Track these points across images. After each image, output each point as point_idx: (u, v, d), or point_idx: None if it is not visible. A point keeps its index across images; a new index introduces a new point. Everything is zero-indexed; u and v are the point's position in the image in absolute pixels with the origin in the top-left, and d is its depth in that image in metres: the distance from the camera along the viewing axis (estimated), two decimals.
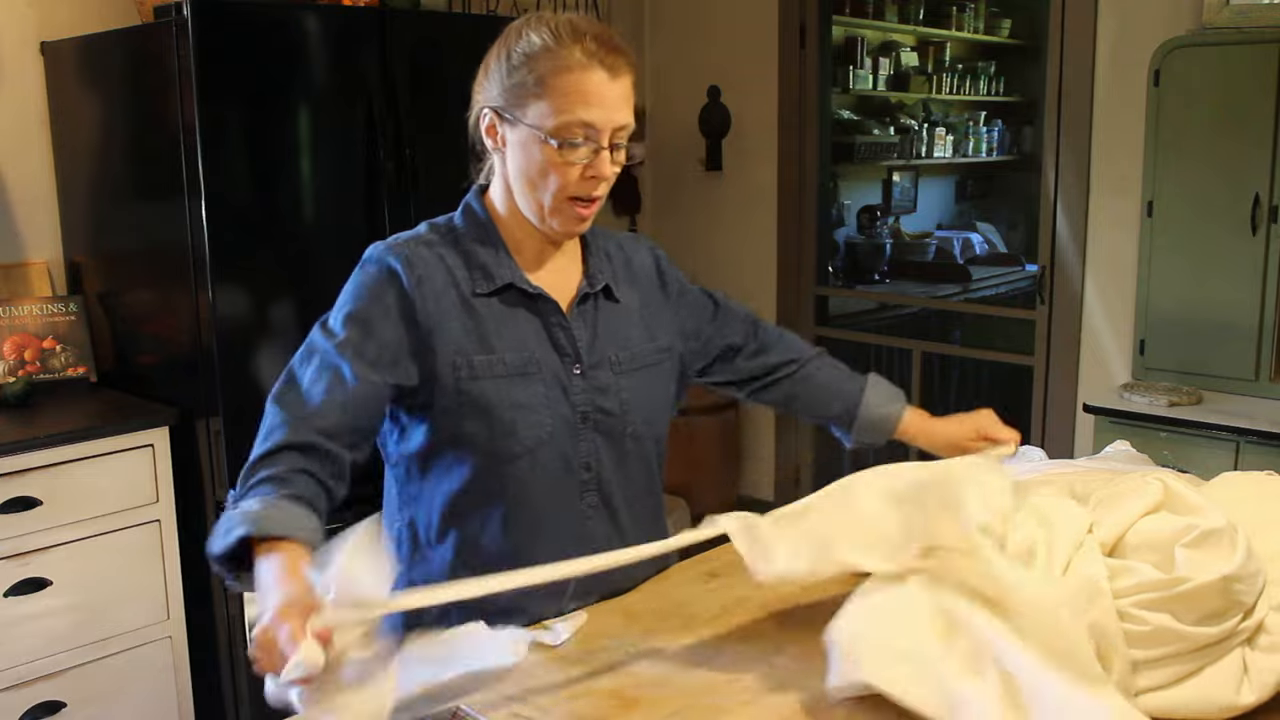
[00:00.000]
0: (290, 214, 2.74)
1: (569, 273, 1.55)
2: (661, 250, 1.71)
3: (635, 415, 1.54)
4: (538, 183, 1.44)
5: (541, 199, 1.45)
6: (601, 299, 1.55)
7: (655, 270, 1.66)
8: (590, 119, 1.40)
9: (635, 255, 1.65)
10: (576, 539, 1.49)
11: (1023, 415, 3.67)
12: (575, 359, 1.50)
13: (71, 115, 2.97)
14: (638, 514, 1.58)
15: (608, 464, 1.52)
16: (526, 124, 1.42)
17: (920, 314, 4.75)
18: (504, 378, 1.45)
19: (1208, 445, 2.83)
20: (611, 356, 1.53)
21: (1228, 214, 2.95)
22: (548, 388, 1.47)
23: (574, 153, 1.41)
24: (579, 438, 1.50)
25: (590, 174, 1.43)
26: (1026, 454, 1.95)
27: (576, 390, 1.49)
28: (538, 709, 1.25)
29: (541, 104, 1.40)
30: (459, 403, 1.45)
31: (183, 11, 2.50)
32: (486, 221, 1.52)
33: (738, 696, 1.27)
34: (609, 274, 1.58)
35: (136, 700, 2.68)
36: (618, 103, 1.42)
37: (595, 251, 1.58)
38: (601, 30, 1.43)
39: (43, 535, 2.51)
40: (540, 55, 1.41)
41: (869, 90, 5.51)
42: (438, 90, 2.93)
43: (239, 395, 2.66)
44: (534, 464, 1.47)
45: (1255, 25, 2.89)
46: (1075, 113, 3.36)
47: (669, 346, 1.62)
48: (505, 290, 1.48)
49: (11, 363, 2.86)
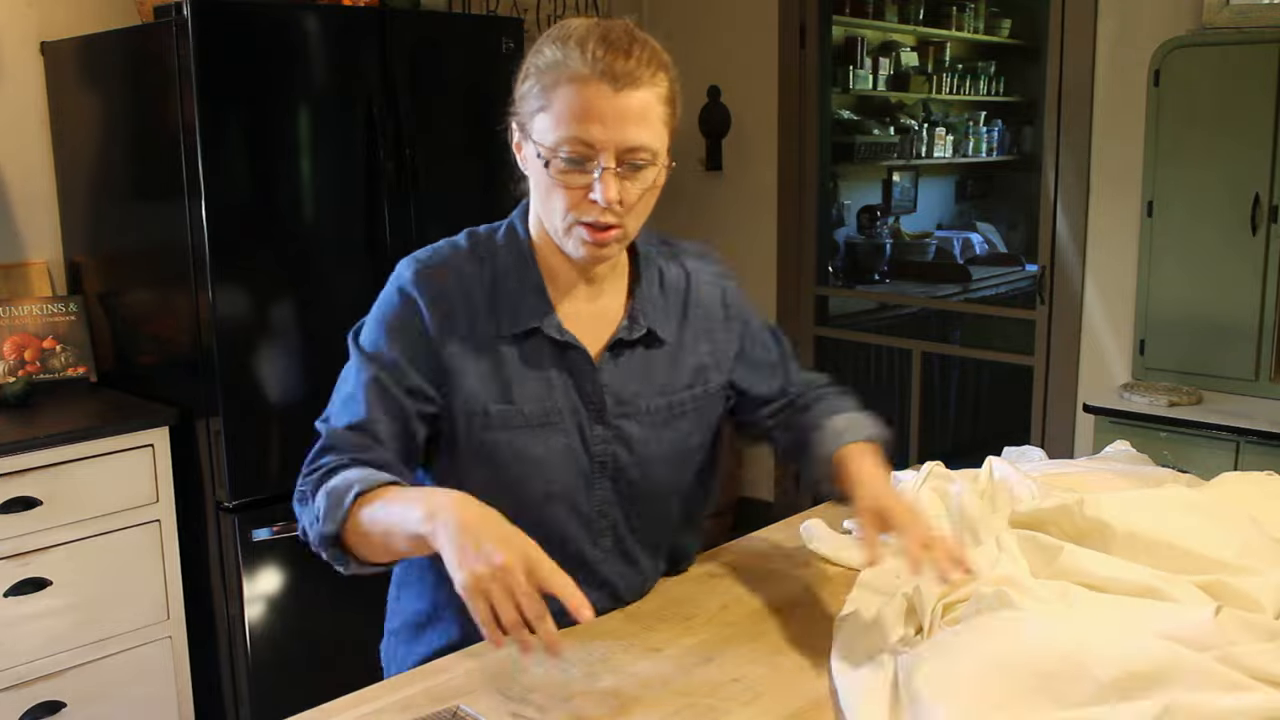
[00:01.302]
0: (290, 214, 2.73)
1: (608, 308, 1.44)
2: (733, 281, 1.56)
3: (657, 469, 1.45)
4: (545, 205, 1.34)
5: (554, 222, 1.34)
6: (639, 346, 1.44)
7: (721, 303, 1.52)
8: (588, 137, 1.26)
9: (699, 283, 1.50)
10: (591, 581, 1.43)
11: (1023, 415, 3.67)
12: (600, 409, 1.41)
13: (71, 115, 2.97)
14: (659, 555, 1.54)
15: (622, 512, 1.46)
16: (534, 140, 1.31)
17: (920, 314, 4.74)
18: (521, 429, 1.38)
19: (1208, 445, 2.83)
20: (645, 406, 1.43)
21: (1228, 214, 2.95)
22: (568, 438, 1.40)
23: (569, 173, 1.29)
24: (593, 487, 1.43)
25: (592, 197, 1.29)
26: (1026, 454, 1.96)
27: (597, 440, 1.41)
28: (538, 709, 1.24)
29: (543, 117, 1.29)
30: (470, 449, 1.39)
31: (183, 11, 2.50)
32: (526, 246, 1.41)
33: (738, 697, 1.27)
34: (656, 312, 1.45)
35: (136, 700, 2.68)
36: (624, 119, 1.26)
37: (646, 280, 1.45)
38: (618, 36, 1.29)
39: (43, 535, 2.51)
40: (548, 66, 1.29)
41: (869, 90, 5.51)
42: (438, 90, 2.93)
43: (239, 395, 2.66)
44: (542, 514, 1.40)
45: (1255, 25, 2.89)
46: (1075, 113, 3.36)
47: (715, 386, 1.50)
48: (532, 335, 1.39)
49: (11, 363, 2.86)
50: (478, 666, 1.35)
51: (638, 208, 1.33)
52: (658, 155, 1.32)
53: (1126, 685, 1.07)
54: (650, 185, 1.33)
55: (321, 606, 2.80)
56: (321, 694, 1.31)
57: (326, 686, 1.38)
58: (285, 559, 2.75)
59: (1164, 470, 1.83)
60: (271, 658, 2.76)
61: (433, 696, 1.28)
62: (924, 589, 1.35)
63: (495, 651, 1.38)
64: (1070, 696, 1.08)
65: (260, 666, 2.74)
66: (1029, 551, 1.39)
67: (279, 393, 2.72)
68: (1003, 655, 1.13)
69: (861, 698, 1.21)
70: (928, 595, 1.34)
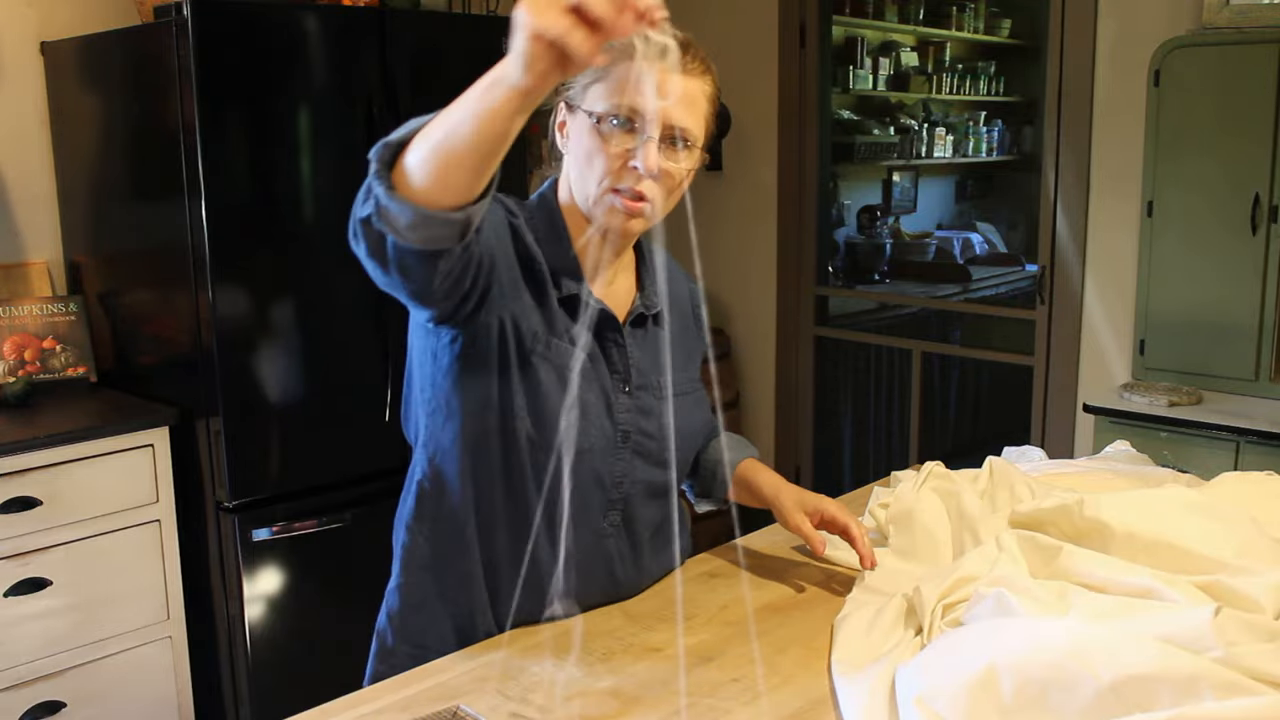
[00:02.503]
0: (290, 214, 2.73)
1: (624, 286, 1.52)
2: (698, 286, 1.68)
3: (669, 445, 1.50)
4: (584, 169, 1.39)
5: (588, 187, 1.39)
6: (651, 322, 1.52)
7: (690, 303, 1.63)
8: (640, 106, 1.33)
9: (675, 281, 1.63)
10: (592, 553, 1.48)
11: (1023, 415, 3.67)
12: (625, 378, 1.47)
13: (71, 115, 2.97)
14: (656, 539, 1.56)
15: (638, 486, 1.50)
16: (584, 109, 1.38)
17: (920, 314, 4.74)
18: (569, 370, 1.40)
19: (1208, 445, 2.83)
20: (654, 380, 1.50)
21: (1228, 214, 2.95)
22: (597, 400, 1.45)
23: (615, 135, 1.35)
24: (616, 456, 1.47)
25: (633, 163, 1.35)
26: (1026, 454, 1.96)
27: (621, 409, 1.47)
28: (538, 709, 1.24)
29: (598, 87, 1.37)
30: (521, 369, 1.38)
31: (183, 11, 2.50)
32: (558, 216, 1.46)
33: (738, 697, 1.27)
34: (661, 297, 1.53)
35: (136, 700, 2.68)
36: (678, 100, 1.36)
37: (649, 268, 1.54)
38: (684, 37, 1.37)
39: (43, 535, 2.51)
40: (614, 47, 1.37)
41: (869, 90, 5.51)
42: (438, 90, 2.92)
43: (239, 395, 2.66)
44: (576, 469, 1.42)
45: (1255, 25, 2.89)
46: (1075, 113, 3.36)
47: (699, 378, 1.61)
48: (571, 300, 1.44)
49: (11, 363, 2.86)
50: (478, 666, 1.35)
51: (669, 192, 1.39)
52: (697, 143, 1.39)
53: (1126, 688, 1.06)
54: (685, 172, 1.40)
55: (321, 606, 2.80)
56: (321, 694, 1.31)
57: (326, 686, 1.38)
58: (285, 559, 2.75)
59: (1164, 470, 1.83)
60: (271, 658, 2.76)
61: (433, 696, 1.28)
62: (924, 590, 1.35)
63: (495, 651, 1.39)
64: (1071, 700, 1.08)
65: (260, 666, 2.74)
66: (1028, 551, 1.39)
67: (279, 393, 2.72)
68: (1002, 660, 1.13)
69: (861, 698, 1.21)
70: (928, 596, 1.34)
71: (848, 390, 4.43)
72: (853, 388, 4.43)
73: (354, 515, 2.80)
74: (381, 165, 1.18)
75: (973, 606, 1.28)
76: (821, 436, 4.33)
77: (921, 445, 4.15)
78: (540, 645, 1.40)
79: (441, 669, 1.35)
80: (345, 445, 2.83)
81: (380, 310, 2.83)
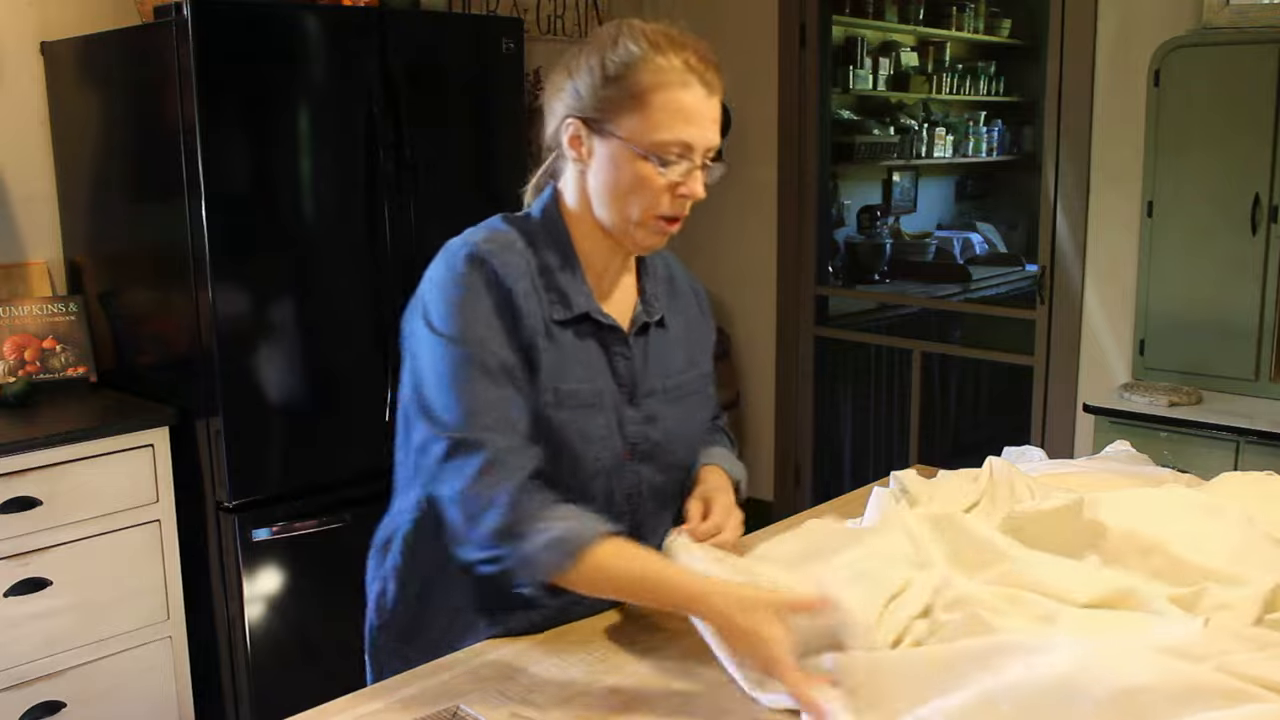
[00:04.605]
0: (290, 214, 2.73)
1: (628, 292, 1.52)
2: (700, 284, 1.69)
3: (679, 444, 1.52)
4: (627, 198, 1.39)
5: (629, 214, 1.40)
6: (654, 327, 1.52)
7: (695, 299, 1.63)
8: (688, 138, 1.36)
9: (676, 274, 1.62)
10: None
11: (1023, 415, 3.67)
12: (631, 389, 1.47)
13: (71, 115, 2.97)
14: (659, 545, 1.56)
15: (648, 496, 1.50)
16: (620, 137, 1.37)
17: (920, 314, 4.74)
18: (579, 408, 1.42)
19: (1208, 445, 2.83)
20: (659, 385, 1.50)
21: (1228, 214, 2.95)
22: (607, 419, 1.44)
23: (671, 170, 1.36)
24: (625, 470, 1.47)
25: (682, 192, 1.38)
26: (1026, 454, 1.96)
27: (629, 421, 1.46)
28: (538, 709, 1.25)
29: (637, 117, 1.36)
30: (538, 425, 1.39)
31: (183, 11, 2.50)
32: (563, 230, 1.46)
33: (738, 696, 1.27)
34: (662, 298, 1.54)
35: (136, 700, 2.68)
36: (713, 122, 1.39)
37: (649, 269, 1.54)
38: (701, 44, 1.40)
39: (43, 535, 2.51)
40: (639, 66, 1.36)
41: (869, 90, 5.51)
42: (438, 90, 2.93)
43: (239, 395, 2.66)
44: (590, 489, 1.43)
45: (1255, 25, 2.89)
46: (1075, 113, 3.36)
47: (708, 372, 1.60)
48: (580, 320, 1.44)
49: (11, 363, 2.86)
50: (478, 666, 1.35)
51: None
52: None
53: (1125, 703, 1.06)
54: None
55: (321, 606, 2.80)
56: (321, 694, 1.31)
57: (326, 686, 1.38)
58: (285, 559, 2.75)
59: (1164, 470, 1.83)
60: (271, 658, 2.76)
61: (433, 696, 1.28)
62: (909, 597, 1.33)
63: (495, 651, 1.39)
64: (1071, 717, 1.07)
65: (260, 666, 2.74)
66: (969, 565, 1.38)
67: (279, 393, 2.72)
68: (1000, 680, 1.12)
69: None
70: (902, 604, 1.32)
71: (848, 390, 4.43)
72: (853, 388, 4.43)
73: (354, 515, 2.80)
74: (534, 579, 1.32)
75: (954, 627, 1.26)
76: (821, 437, 4.32)
77: (921, 445, 4.15)
78: (540, 645, 1.40)
79: (441, 669, 1.35)
80: (345, 445, 2.83)
81: (380, 310, 2.83)
